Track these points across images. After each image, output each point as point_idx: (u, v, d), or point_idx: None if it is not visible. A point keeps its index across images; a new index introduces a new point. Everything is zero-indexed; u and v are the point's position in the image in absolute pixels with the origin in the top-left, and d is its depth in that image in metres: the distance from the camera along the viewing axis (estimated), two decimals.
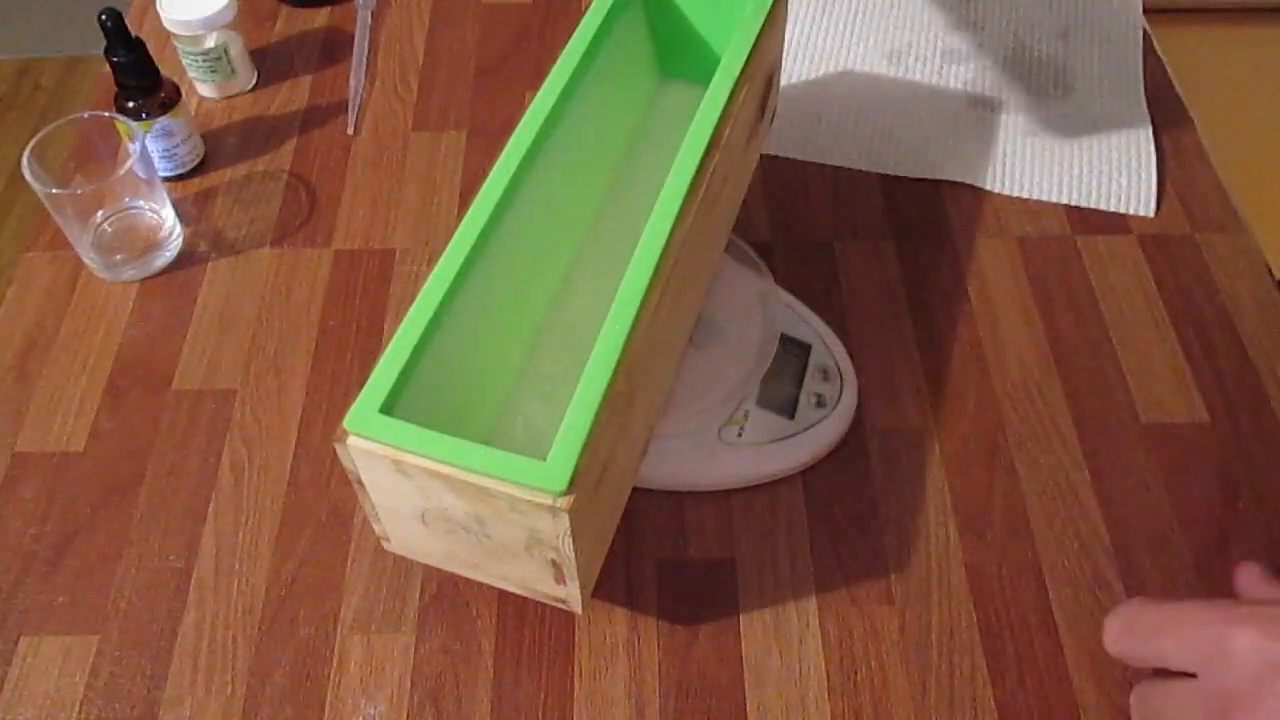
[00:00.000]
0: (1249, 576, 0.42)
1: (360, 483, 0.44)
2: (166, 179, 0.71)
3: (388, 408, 0.41)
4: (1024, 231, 0.69)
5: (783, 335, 0.60)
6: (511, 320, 0.51)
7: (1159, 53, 0.80)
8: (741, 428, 0.57)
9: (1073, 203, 0.70)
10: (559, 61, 0.52)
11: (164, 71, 0.68)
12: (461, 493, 0.40)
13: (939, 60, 0.79)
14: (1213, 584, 0.54)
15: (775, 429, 0.57)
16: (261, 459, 0.58)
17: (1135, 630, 0.40)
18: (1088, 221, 0.70)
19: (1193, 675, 0.37)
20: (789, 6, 0.83)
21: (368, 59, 0.80)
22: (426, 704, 0.50)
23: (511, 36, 0.82)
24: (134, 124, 0.63)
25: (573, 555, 0.41)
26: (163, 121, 0.68)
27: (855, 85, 0.77)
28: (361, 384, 0.41)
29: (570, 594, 0.45)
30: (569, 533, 0.40)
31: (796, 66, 0.79)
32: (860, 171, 0.72)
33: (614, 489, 0.46)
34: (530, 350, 0.52)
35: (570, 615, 0.53)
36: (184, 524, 0.56)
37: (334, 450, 0.49)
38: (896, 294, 0.65)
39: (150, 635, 0.52)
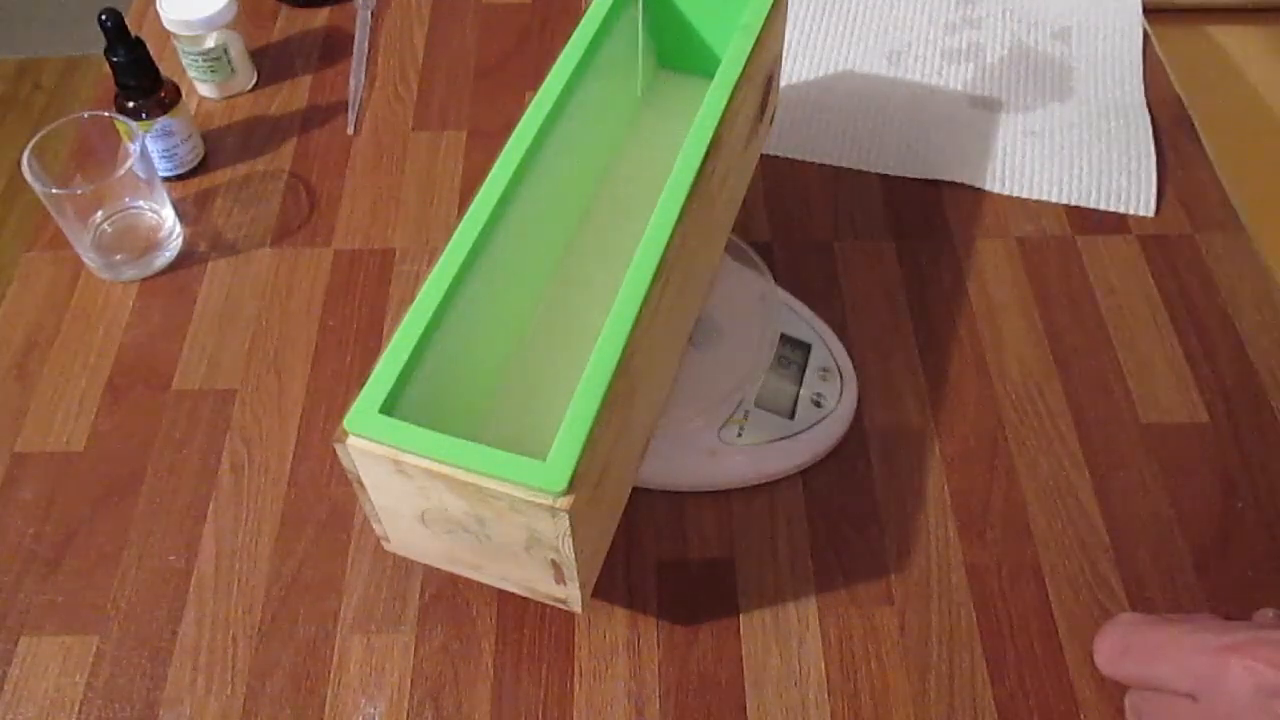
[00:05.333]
0: (1263, 620, 0.42)
1: (360, 483, 0.44)
2: (166, 179, 0.71)
3: (388, 408, 0.41)
4: (1024, 231, 0.69)
5: (783, 335, 0.60)
6: (511, 320, 0.51)
7: (1159, 53, 0.80)
8: (741, 428, 0.57)
9: (1073, 203, 0.70)
10: (559, 61, 0.52)
11: (164, 71, 0.68)
12: (461, 493, 0.40)
13: (939, 60, 0.79)
14: (1213, 584, 0.54)
15: (775, 429, 0.57)
16: (261, 459, 0.58)
17: (1130, 653, 0.40)
18: (1088, 221, 0.70)
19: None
20: (789, 7, 0.83)
21: (368, 59, 0.80)
22: (426, 704, 0.50)
23: (511, 36, 0.82)
24: (134, 124, 0.63)
25: (573, 555, 0.41)
26: (163, 121, 0.68)
27: (855, 85, 0.77)
28: (361, 384, 0.41)
29: (570, 594, 0.45)
30: (569, 533, 0.40)
31: (796, 66, 0.79)
32: (860, 171, 0.72)
33: (614, 489, 0.46)
34: (530, 350, 0.52)
35: (570, 615, 0.53)
36: (184, 524, 0.56)
37: (334, 450, 0.49)
38: (896, 294, 0.65)
39: (150, 635, 0.52)
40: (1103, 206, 0.70)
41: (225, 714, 0.50)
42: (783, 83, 0.77)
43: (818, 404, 0.58)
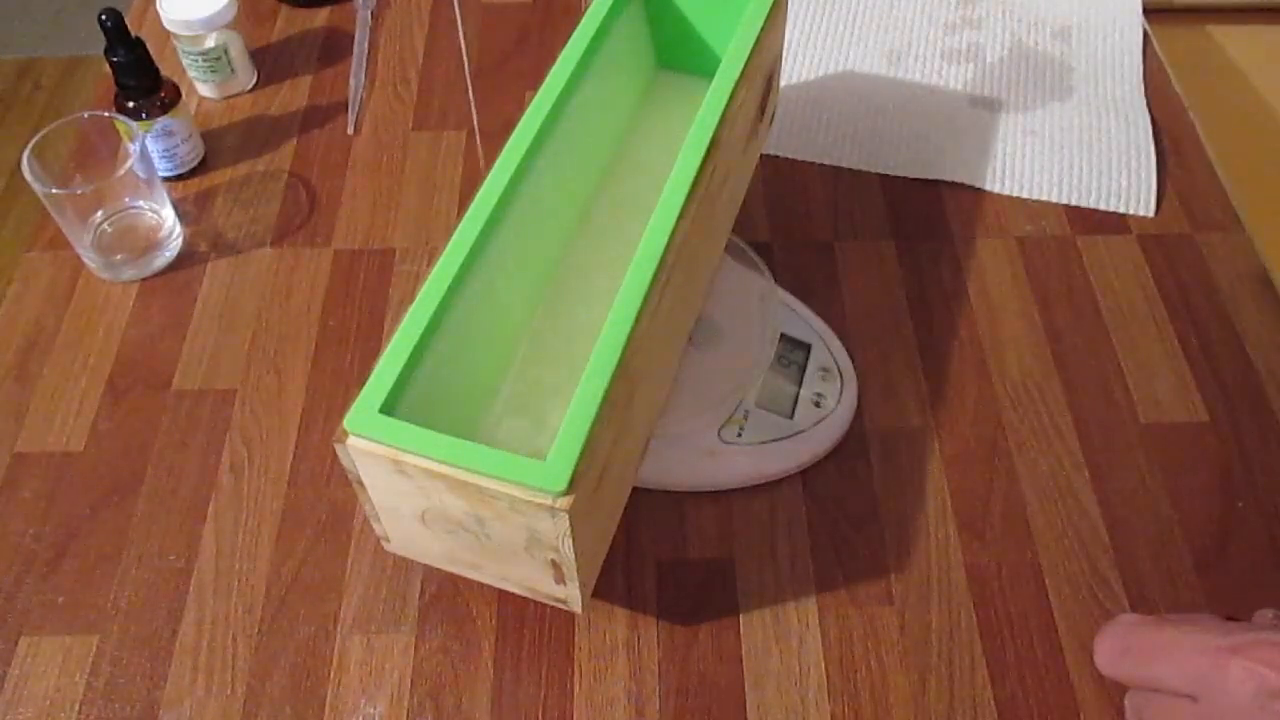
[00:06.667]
0: (1263, 621, 0.42)
1: (360, 483, 0.44)
2: (166, 179, 0.71)
3: (388, 408, 0.41)
4: (1024, 231, 0.69)
5: (783, 335, 0.60)
6: (511, 320, 0.51)
7: (1159, 53, 0.80)
8: (741, 428, 0.57)
9: (1073, 203, 0.70)
10: (559, 61, 0.52)
11: (164, 71, 0.68)
12: (461, 493, 0.40)
13: (939, 60, 0.79)
14: (1213, 584, 0.54)
15: (775, 429, 0.57)
16: (261, 459, 0.58)
17: (1130, 654, 0.40)
18: (1088, 221, 0.70)
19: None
20: (789, 7, 0.83)
21: (368, 59, 0.80)
22: (426, 704, 0.50)
23: (511, 36, 0.82)
24: (134, 124, 0.63)
25: (573, 555, 0.41)
26: (163, 121, 0.68)
27: (855, 85, 0.77)
28: (361, 384, 0.41)
29: (570, 594, 0.45)
30: (569, 533, 0.40)
31: (796, 66, 0.79)
32: (860, 171, 0.72)
33: (614, 489, 0.46)
34: (530, 350, 0.52)
35: (570, 615, 0.53)
36: (184, 524, 0.56)
37: (334, 450, 0.49)
38: (896, 294, 0.65)
39: (150, 635, 0.52)
40: (1103, 206, 0.70)
41: (225, 714, 0.50)
42: (783, 83, 0.77)
43: (818, 404, 0.58)
